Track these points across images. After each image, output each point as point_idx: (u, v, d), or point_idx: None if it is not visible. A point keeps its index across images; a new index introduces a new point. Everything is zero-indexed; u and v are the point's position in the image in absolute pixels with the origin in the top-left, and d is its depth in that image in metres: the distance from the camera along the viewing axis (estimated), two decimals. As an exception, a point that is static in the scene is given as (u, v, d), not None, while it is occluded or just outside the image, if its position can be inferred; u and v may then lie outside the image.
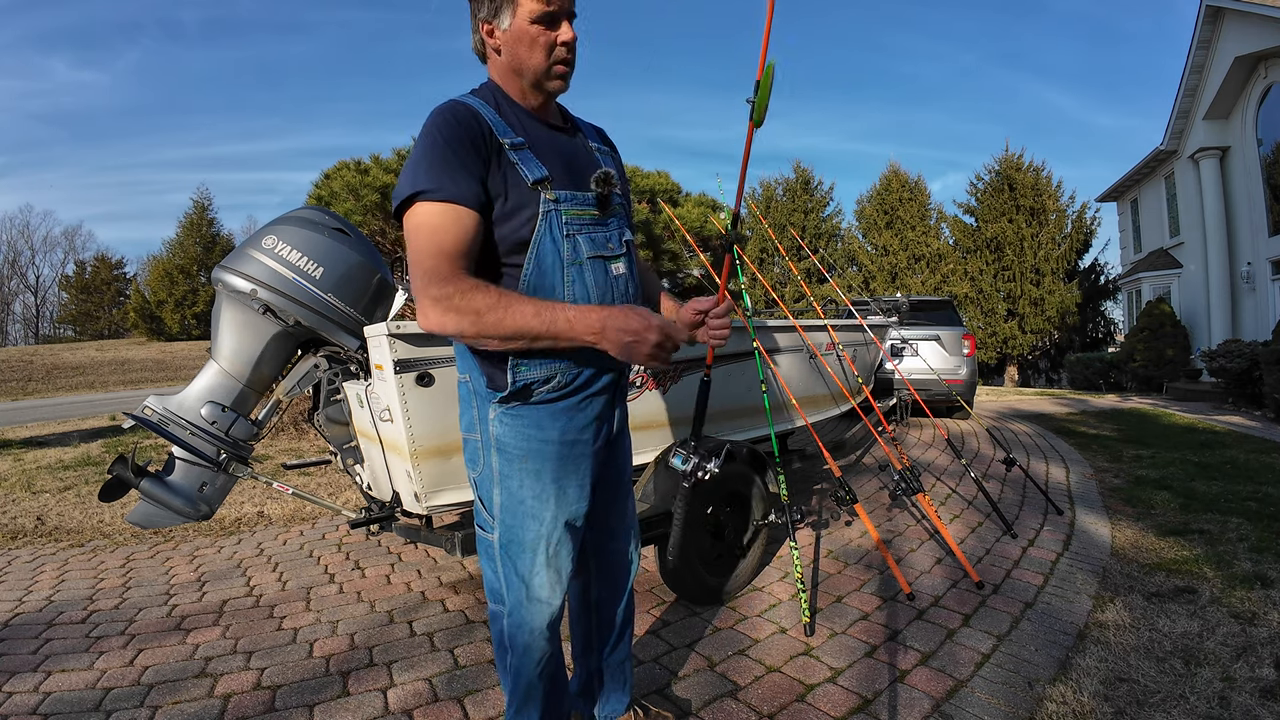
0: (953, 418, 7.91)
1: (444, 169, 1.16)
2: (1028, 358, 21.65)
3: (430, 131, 1.19)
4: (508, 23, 1.25)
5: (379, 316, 2.54)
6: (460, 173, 1.16)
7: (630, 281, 1.39)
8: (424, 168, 1.16)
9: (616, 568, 1.59)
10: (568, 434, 1.32)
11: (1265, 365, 8.37)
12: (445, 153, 1.17)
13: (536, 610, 1.35)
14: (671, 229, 7.37)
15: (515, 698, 1.42)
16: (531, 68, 1.27)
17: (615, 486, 1.54)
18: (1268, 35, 10.93)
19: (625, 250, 1.38)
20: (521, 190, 1.22)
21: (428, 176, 1.15)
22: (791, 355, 3.80)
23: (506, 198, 1.21)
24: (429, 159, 1.17)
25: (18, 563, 3.40)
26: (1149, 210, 16.64)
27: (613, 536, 1.57)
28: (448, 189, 1.15)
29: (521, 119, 1.30)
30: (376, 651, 2.32)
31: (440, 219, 1.15)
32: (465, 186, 1.16)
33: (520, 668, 1.39)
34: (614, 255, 1.34)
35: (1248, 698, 1.89)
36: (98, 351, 25.16)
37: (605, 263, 1.32)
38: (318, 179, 7.12)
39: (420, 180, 1.15)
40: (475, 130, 1.20)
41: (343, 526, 3.86)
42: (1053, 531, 3.48)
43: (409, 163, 1.20)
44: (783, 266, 22.76)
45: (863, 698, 1.97)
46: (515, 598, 1.35)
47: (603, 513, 1.52)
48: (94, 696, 2.05)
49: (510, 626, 1.37)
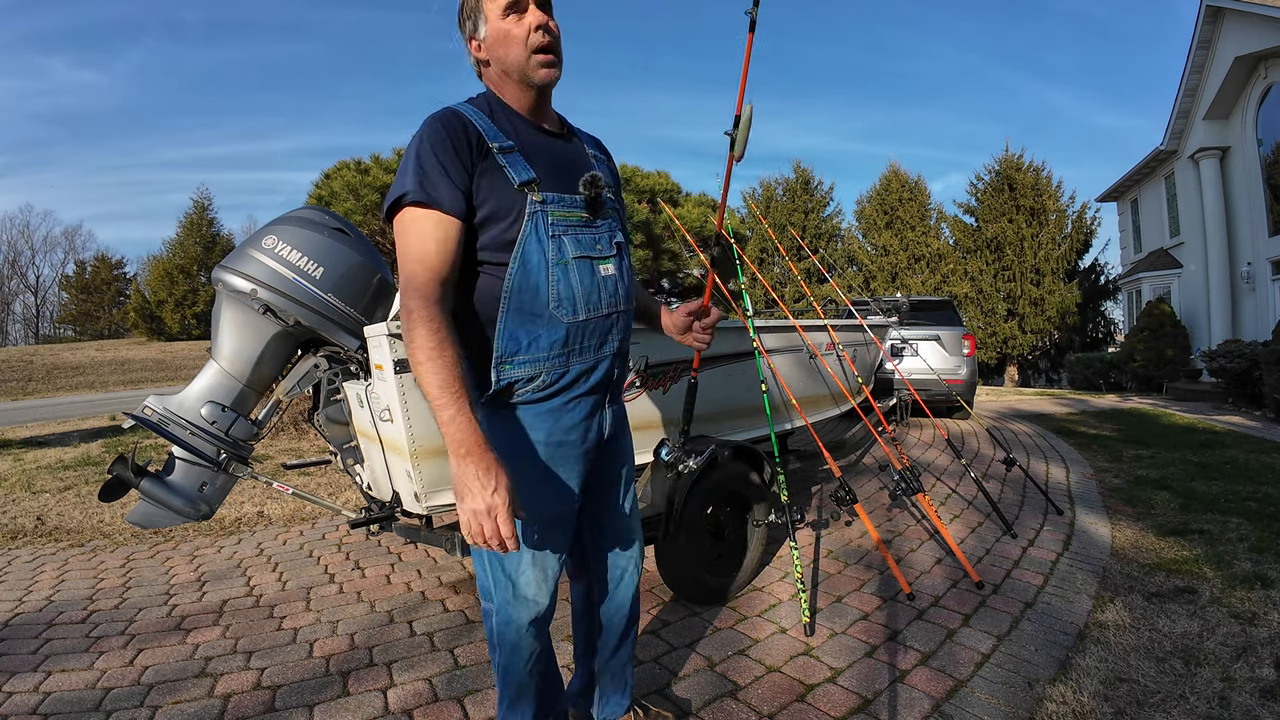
0: (953, 418, 7.91)
1: (430, 176, 1.20)
2: (1028, 358, 21.65)
3: (419, 140, 1.24)
4: (484, 29, 1.31)
5: (379, 316, 2.54)
6: (444, 180, 1.20)
7: (620, 283, 1.40)
8: (410, 173, 1.21)
9: (616, 570, 1.58)
10: (554, 435, 1.33)
11: (1265, 365, 8.37)
12: (431, 160, 1.21)
13: (523, 608, 1.37)
14: (671, 229, 7.37)
15: (506, 694, 1.45)
16: (514, 62, 1.30)
17: (613, 488, 1.54)
18: (1268, 35, 10.93)
19: (615, 252, 1.40)
20: (508, 192, 1.25)
21: (414, 181, 1.20)
22: (791, 355, 3.80)
23: (493, 200, 1.25)
24: (416, 165, 1.21)
25: (18, 563, 3.40)
26: (1149, 210, 16.64)
27: (612, 538, 1.57)
28: (432, 195, 1.20)
29: (515, 124, 1.33)
30: (376, 651, 2.32)
31: (424, 223, 1.20)
32: (448, 193, 1.20)
33: (509, 665, 1.41)
34: (603, 256, 1.36)
35: (1248, 698, 1.89)
36: (98, 351, 25.16)
37: (592, 263, 1.34)
38: (318, 179, 7.13)
39: (407, 184, 1.20)
40: (461, 137, 1.23)
41: (343, 526, 3.86)
42: (1053, 531, 3.48)
43: (399, 169, 1.25)
44: (783, 266, 22.75)
45: (863, 698, 1.97)
46: (502, 595, 1.37)
47: (601, 514, 1.53)
48: (94, 696, 2.06)
49: (498, 624, 1.39)
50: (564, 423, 1.34)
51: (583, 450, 1.38)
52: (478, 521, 1.12)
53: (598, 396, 1.39)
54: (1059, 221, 20.86)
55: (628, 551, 1.59)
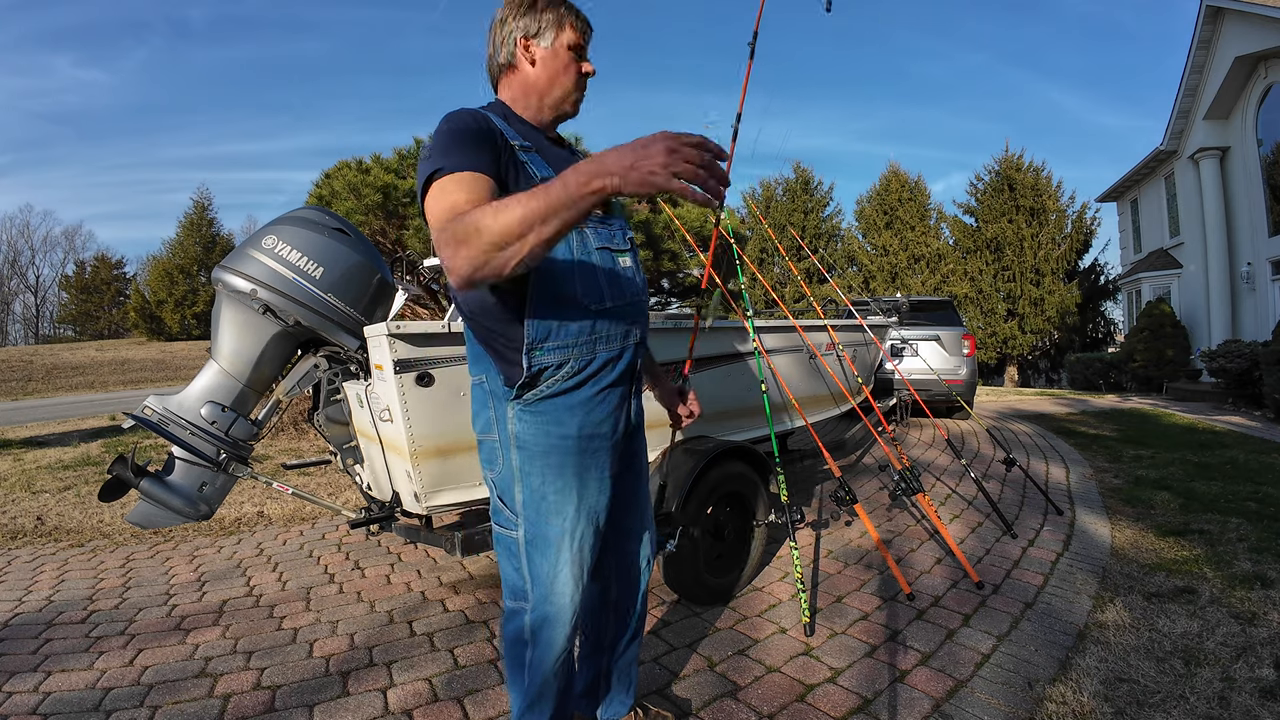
0: (953, 418, 7.91)
1: (459, 152, 1.20)
2: (1028, 358, 21.65)
3: (446, 129, 1.26)
4: (547, 43, 1.38)
5: (379, 316, 2.54)
6: (474, 153, 1.21)
7: (637, 274, 1.46)
8: (439, 154, 1.20)
9: (633, 566, 1.62)
10: (585, 428, 1.35)
11: (1265, 365, 8.37)
12: (461, 140, 1.22)
13: (561, 604, 1.38)
14: (671, 229, 7.36)
15: (529, 694, 1.43)
16: (559, 91, 1.41)
17: (632, 484, 1.57)
18: (1268, 35, 10.93)
19: (629, 246, 1.47)
20: (532, 184, 1.25)
21: (444, 158, 1.19)
22: (791, 355, 3.80)
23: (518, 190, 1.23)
24: (443, 147, 1.21)
25: (18, 563, 3.40)
26: (1149, 210, 16.64)
27: (629, 535, 1.60)
28: (463, 164, 1.19)
29: (527, 132, 1.39)
30: (376, 651, 2.32)
31: (455, 184, 1.17)
32: (480, 160, 1.21)
33: (540, 661, 1.40)
34: (620, 249, 1.42)
35: (1248, 698, 1.89)
36: (98, 351, 25.16)
37: (613, 254, 1.40)
38: (318, 178, 7.13)
39: (439, 161, 1.19)
40: (486, 130, 1.27)
41: (343, 526, 3.86)
42: (1053, 532, 3.48)
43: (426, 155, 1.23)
44: (783, 266, 22.75)
45: (863, 698, 1.97)
46: (540, 593, 1.37)
47: (620, 510, 1.55)
48: (94, 696, 2.05)
49: (534, 621, 1.39)
50: (595, 415, 1.36)
51: (612, 443, 1.41)
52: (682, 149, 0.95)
53: (624, 388, 1.42)
54: (1059, 222, 20.87)
55: (643, 547, 1.63)
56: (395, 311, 2.59)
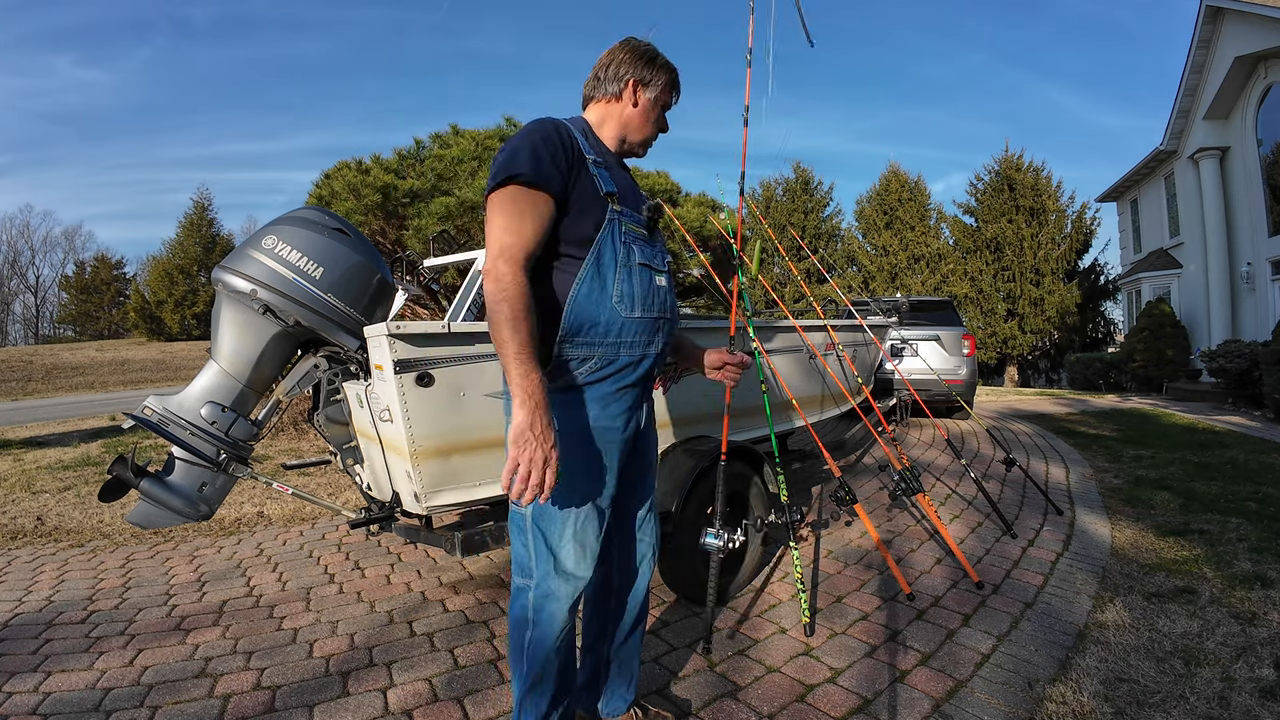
0: (953, 418, 7.91)
1: (543, 162, 1.37)
2: (1028, 358, 21.64)
3: (528, 133, 1.41)
4: (652, 95, 1.61)
5: (379, 316, 2.54)
6: (553, 170, 1.38)
7: (669, 294, 1.59)
8: (525, 158, 1.36)
9: (637, 556, 1.70)
10: (600, 420, 1.46)
11: (1265, 365, 8.37)
12: (544, 151, 1.38)
13: (563, 581, 1.46)
14: (671, 229, 7.36)
15: (530, 674, 1.47)
16: (642, 133, 1.64)
17: (640, 477, 1.67)
18: (1268, 35, 10.92)
19: (666, 269, 1.63)
20: (596, 196, 1.45)
21: (529, 165, 1.35)
22: (791, 355, 3.80)
23: (582, 201, 1.43)
24: (531, 152, 1.37)
25: (18, 563, 3.40)
26: (1149, 210, 16.64)
27: (635, 525, 1.69)
28: (543, 178, 1.36)
29: (603, 150, 1.58)
30: (376, 652, 2.32)
31: (526, 200, 1.36)
32: (557, 182, 1.38)
33: (540, 639, 1.46)
34: (659, 270, 1.57)
35: (1248, 698, 1.89)
36: (98, 351, 25.16)
37: (651, 272, 1.53)
38: (318, 179, 7.13)
39: (522, 166, 1.35)
40: (568, 141, 1.44)
41: (343, 526, 3.86)
42: (1053, 532, 3.48)
43: (503, 156, 1.39)
44: (783, 267, 22.75)
45: (863, 698, 1.97)
46: (544, 569, 1.46)
47: (627, 501, 1.65)
48: (94, 697, 2.05)
49: (537, 597, 1.47)
50: (610, 409, 1.48)
51: (622, 438, 1.51)
52: (528, 467, 1.24)
53: (639, 391, 1.55)
54: (1059, 222, 20.86)
55: (647, 539, 1.71)
56: (395, 311, 2.59)
